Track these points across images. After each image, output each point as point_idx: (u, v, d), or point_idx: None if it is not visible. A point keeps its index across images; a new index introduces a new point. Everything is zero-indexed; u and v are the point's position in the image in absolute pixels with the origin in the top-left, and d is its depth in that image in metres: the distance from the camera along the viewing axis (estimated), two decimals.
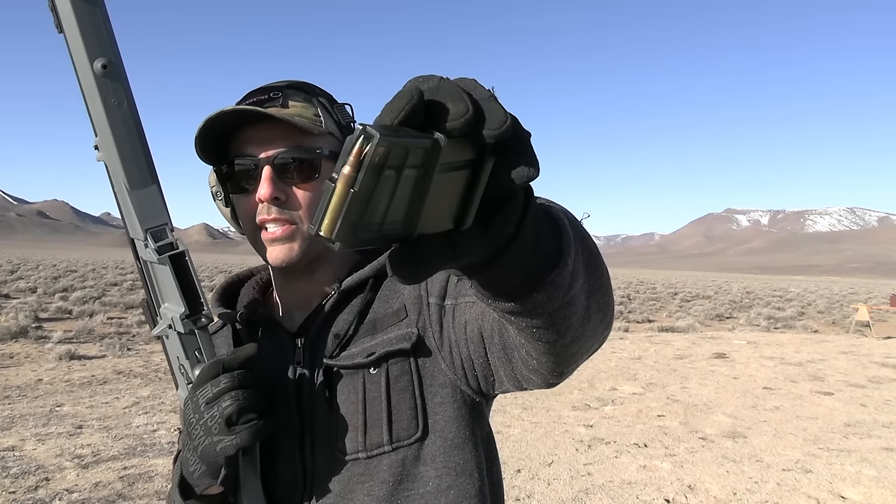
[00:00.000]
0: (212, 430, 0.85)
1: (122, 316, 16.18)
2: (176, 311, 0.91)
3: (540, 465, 5.58)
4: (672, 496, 4.91)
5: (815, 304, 30.31)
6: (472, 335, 0.93)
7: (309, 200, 1.00)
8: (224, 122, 0.98)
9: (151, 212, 0.88)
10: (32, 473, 4.97)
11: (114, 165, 0.85)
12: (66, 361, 10.14)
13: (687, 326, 19.32)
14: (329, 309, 1.05)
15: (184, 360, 0.95)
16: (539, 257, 0.57)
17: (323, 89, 1.09)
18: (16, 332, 12.12)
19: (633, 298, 31.25)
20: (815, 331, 19.65)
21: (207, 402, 0.86)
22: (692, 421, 7.23)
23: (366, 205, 0.42)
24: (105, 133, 0.83)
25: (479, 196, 0.49)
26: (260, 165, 0.99)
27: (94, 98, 0.80)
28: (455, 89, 0.45)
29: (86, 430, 6.24)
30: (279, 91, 1.01)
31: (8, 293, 20.66)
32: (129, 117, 0.84)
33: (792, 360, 11.97)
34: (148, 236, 0.88)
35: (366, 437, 0.97)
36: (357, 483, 0.96)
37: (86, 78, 0.79)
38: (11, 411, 6.98)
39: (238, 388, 0.86)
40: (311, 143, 1.01)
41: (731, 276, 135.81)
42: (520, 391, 0.93)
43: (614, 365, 11.05)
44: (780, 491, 5.07)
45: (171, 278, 0.89)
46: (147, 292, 0.97)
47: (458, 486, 0.97)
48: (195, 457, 0.87)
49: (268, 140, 0.99)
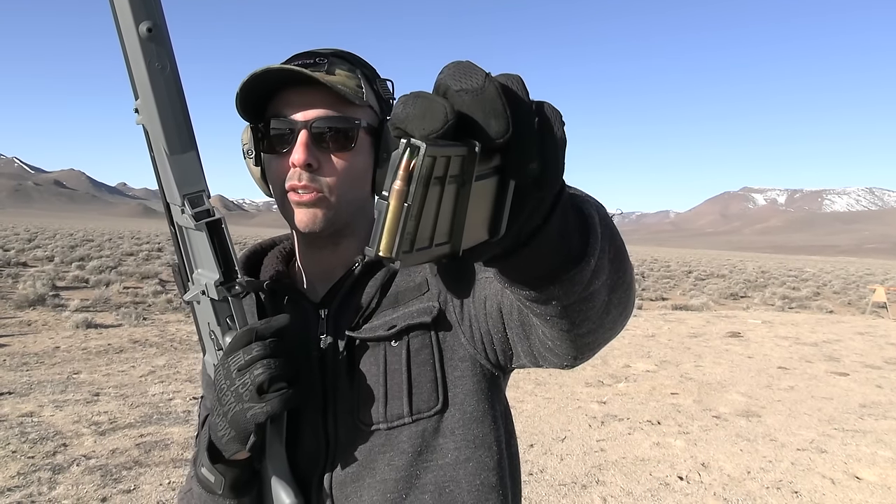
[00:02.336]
0: (243, 396, 0.86)
1: (137, 286, 16.32)
2: (210, 277, 0.91)
3: (553, 441, 5.59)
4: (685, 473, 4.90)
5: (831, 285, 30.11)
6: (490, 310, 0.94)
7: (341, 170, 0.99)
8: (268, 80, 0.96)
9: (190, 178, 0.88)
10: (50, 439, 5.03)
11: (154, 130, 0.84)
12: (83, 330, 10.26)
13: (701, 305, 19.25)
14: (353, 281, 1.05)
15: (215, 326, 0.95)
16: (561, 254, 0.58)
17: (367, 62, 1.07)
18: (34, 300, 12.27)
19: (648, 276, 31.16)
20: (831, 311, 19.54)
21: (239, 369, 0.86)
22: (706, 399, 7.21)
23: (419, 219, 0.43)
24: (147, 97, 0.82)
25: (508, 204, 0.49)
26: (297, 129, 0.97)
27: (139, 62, 0.79)
28: (498, 102, 0.43)
29: (102, 398, 6.31)
30: (325, 58, 0.99)
31: (26, 262, 20.87)
32: (172, 82, 0.83)
33: (807, 341, 11.90)
34: (185, 202, 0.88)
35: (387, 408, 0.97)
36: (378, 453, 0.97)
37: (131, 41, 0.78)
38: (30, 378, 7.07)
39: (270, 356, 0.87)
40: (351, 112, 0.99)
41: (747, 255, 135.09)
42: (537, 367, 0.93)
43: (628, 342, 11.02)
44: (795, 470, 5.05)
45: (207, 245, 0.89)
46: (179, 258, 0.97)
47: (477, 458, 0.98)
48: (224, 422, 0.88)
49: (308, 104, 0.98)
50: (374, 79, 1.06)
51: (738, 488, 4.67)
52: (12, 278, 15.92)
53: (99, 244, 32.34)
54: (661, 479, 4.79)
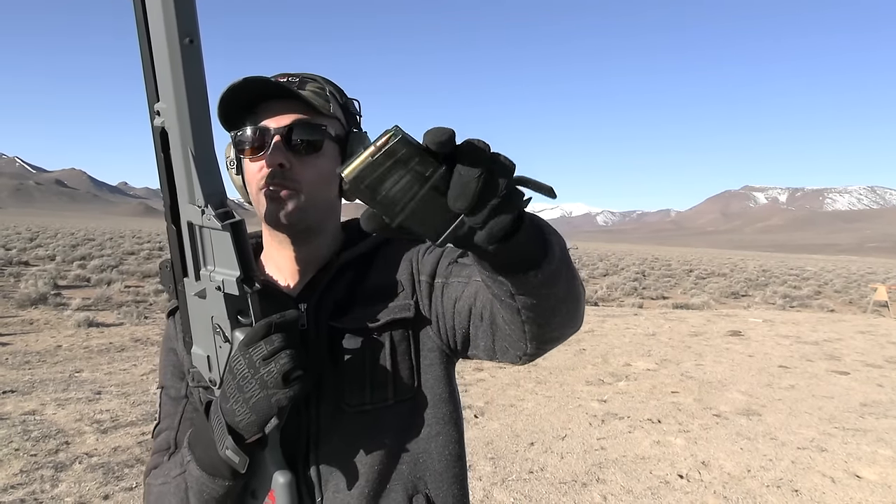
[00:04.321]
0: (268, 384, 0.93)
1: (139, 284, 16.36)
2: (230, 274, 0.96)
3: (553, 439, 5.60)
4: (686, 472, 4.91)
5: (832, 284, 30.10)
6: (460, 309, 1.09)
7: (310, 172, 1.11)
8: (246, 90, 1.07)
9: (212, 179, 0.94)
10: (53, 437, 5.05)
11: (183, 131, 0.89)
12: (85, 328, 10.28)
13: (702, 304, 19.26)
14: (330, 278, 1.18)
15: (223, 320, 1.00)
16: (524, 261, 0.77)
17: (334, 82, 1.21)
18: (35, 299, 12.29)
19: (648, 275, 31.16)
20: (832, 310, 19.54)
21: (264, 358, 0.94)
22: (706, 398, 7.22)
23: (375, 173, 0.63)
24: (181, 100, 0.87)
25: (453, 232, 0.67)
26: (271, 134, 1.09)
27: (177, 67, 0.85)
28: (473, 177, 0.63)
29: (104, 396, 6.33)
30: (297, 76, 1.14)
31: (27, 261, 20.91)
32: (203, 87, 0.89)
33: (808, 339, 11.90)
34: (208, 203, 0.93)
35: (372, 393, 1.11)
36: (362, 432, 1.11)
37: (172, 49, 0.85)
38: (32, 376, 7.09)
39: (289, 346, 0.95)
40: (320, 121, 1.12)
41: (748, 254, 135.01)
42: (489, 361, 1.11)
43: (628, 341, 11.03)
44: (795, 469, 5.06)
45: (230, 245, 0.94)
46: (177, 255, 1.03)
47: (445, 433, 1.16)
48: (245, 408, 0.95)
49: (281, 112, 1.11)
50: (342, 96, 1.20)
51: (738, 487, 4.68)
52: (14, 277, 15.96)
53: (100, 243, 32.37)
54: (662, 478, 4.80)
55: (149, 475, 1.17)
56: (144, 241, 35.80)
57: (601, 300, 19.70)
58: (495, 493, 4.42)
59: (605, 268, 35.53)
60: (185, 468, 1.06)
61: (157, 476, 1.13)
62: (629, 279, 27.06)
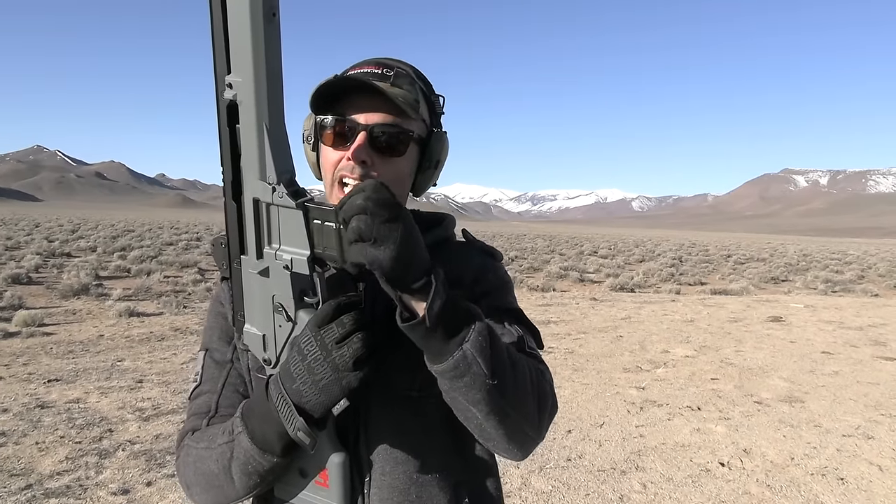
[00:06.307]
0: (339, 367, 0.95)
1: (178, 275, 16.62)
2: (300, 253, 0.95)
3: (591, 427, 5.55)
4: (727, 459, 4.83)
5: (876, 268, 29.30)
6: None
7: (389, 171, 1.13)
8: (341, 85, 1.11)
9: (284, 156, 0.94)
10: (97, 425, 5.16)
11: (260, 107, 0.89)
12: (126, 318, 10.49)
13: (741, 289, 18.93)
14: None
15: (287, 299, 1.00)
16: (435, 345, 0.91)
17: (426, 78, 1.23)
18: (78, 290, 12.57)
19: (685, 261, 30.73)
20: (876, 294, 19.03)
21: (337, 341, 0.95)
22: (747, 385, 7.09)
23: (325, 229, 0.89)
24: (259, 75, 0.88)
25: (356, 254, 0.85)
26: (357, 129, 1.11)
27: (258, 41, 0.86)
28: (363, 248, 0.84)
29: (146, 385, 6.44)
30: (392, 69, 1.14)
31: (70, 252, 21.39)
32: (280, 63, 0.90)
33: (852, 325, 11.61)
34: (280, 181, 0.93)
35: (419, 379, 1.09)
36: (409, 418, 1.13)
37: (255, 22, 0.85)
38: (76, 365, 7.25)
39: (360, 329, 0.96)
40: (407, 123, 1.14)
41: (788, 239, 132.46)
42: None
43: (666, 327, 10.90)
44: (840, 457, 4.94)
45: (301, 224, 0.93)
46: (236, 233, 1.01)
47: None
48: (314, 389, 0.96)
49: (371, 109, 1.12)
50: (430, 94, 1.22)
51: (781, 475, 4.58)
52: (57, 269, 16.34)
53: (139, 234, 32.99)
54: (702, 466, 4.73)
55: (186, 436, 1.17)
56: (182, 232, 36.39)
57: (637, 286, 19.46)
58: (533, 481, 4.39)
59: (641, 254, 35.15)
60: (234, 438, 1.05)
61: (200, 440, 1.12)
62: (666, 265, 26.71)
